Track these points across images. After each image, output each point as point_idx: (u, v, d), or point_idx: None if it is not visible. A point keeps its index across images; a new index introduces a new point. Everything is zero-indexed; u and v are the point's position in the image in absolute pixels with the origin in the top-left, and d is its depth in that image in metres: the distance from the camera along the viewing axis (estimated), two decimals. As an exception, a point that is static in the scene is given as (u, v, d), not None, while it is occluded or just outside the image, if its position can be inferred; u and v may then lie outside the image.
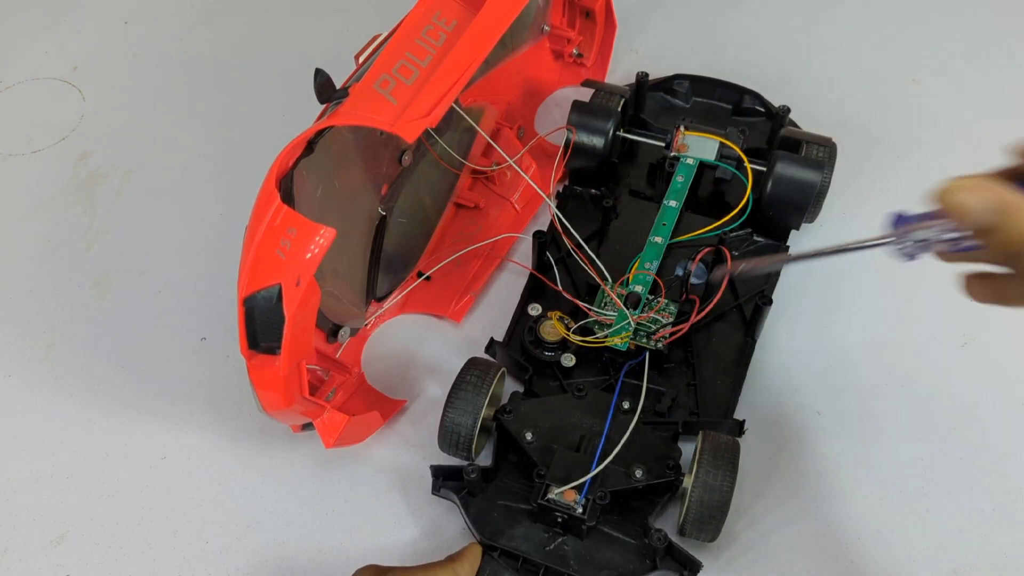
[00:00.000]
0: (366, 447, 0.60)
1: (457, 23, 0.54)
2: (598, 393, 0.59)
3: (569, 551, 0.53)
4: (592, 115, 0.68)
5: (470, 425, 0.55)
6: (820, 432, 0.60)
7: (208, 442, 0.61)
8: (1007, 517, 0.57)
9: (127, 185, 0.75)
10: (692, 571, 0.52)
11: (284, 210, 0.46)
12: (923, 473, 0.59)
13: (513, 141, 0.71)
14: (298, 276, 0.46)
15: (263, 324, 0.47)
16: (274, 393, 0.50)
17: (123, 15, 0.88)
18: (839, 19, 0.87)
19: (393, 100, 0.49)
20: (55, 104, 0.81)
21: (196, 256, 0.70)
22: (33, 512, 0.58)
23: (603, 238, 0.68)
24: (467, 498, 0.55)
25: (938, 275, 0.46)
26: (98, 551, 0.57)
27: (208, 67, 0.84)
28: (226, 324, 0.56)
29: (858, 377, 0.63)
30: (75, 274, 0.70)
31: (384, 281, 0.63)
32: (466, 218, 0.71)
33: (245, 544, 0.57)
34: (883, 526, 0.56)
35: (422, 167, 0.63)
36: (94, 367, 0.65)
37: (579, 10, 0.76)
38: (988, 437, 0.60)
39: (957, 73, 0.81)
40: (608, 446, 0.55)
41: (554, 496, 0.53)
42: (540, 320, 0.62)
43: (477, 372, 0.57)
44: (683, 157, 0.68)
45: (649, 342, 0.60)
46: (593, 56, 0.79)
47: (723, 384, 0.61)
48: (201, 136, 0.78)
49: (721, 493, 0.52)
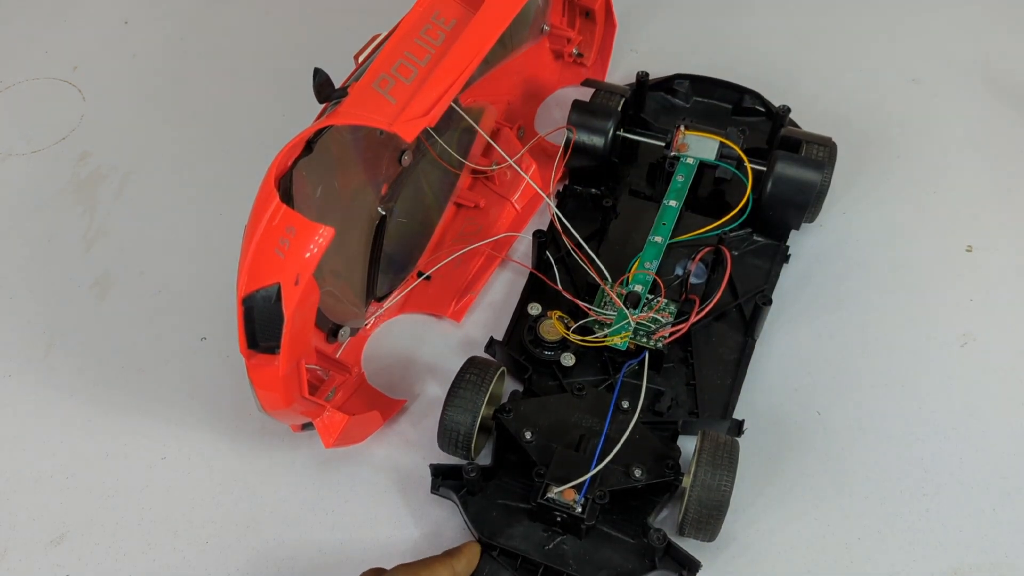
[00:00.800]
0: (366, 447, 0.60)
1: (456, 22, 0.54)
2: (598, 392, 0.59)
3: (568, 550, 0.53)
4: (592, 114, 0.68)
5: (469, 423, 0.55)
6: (820, 432, 0.60)
7: (208, 442, 0.61)
8: (1007, 517, 0.57)
9: (127, 185, 0.75)
10: (691, 571, 0.52)
11: (283, 209, 0.46)
12: (923, 473, 0.59)
13: (513, 141, 0.71)
14: (297, 275, 0.46)
15: (262, 323, 0.47)
16: (273, 392, 0.50)
17: (123, 15, 0.88)
18: (839, 19, 0.86)
19: (392, 99, 0.49)
20: (55, 104, 0.81)
21: (196, 256, 0.70)
22: (33, 512, 0.58)
23: (603, 238, 0.68)
24: (466, 497, 0.55)
25: (938, 275, 0.46)
26: (98, 551, 0.57)
27: (208, 67, 0.84)
28: (226, 324, 0.56)
29: (858, 377, 0.63)
30: (75, 274, 0.70)
31: (384, 281, 0.63)
32: (466, 218, 0.71)
33: (245, 544, 0.57)
34: (883, 526, 0.56)
35: (422, 167, 0.63)
36: (94, 367, 0.65)
37: (579, 10, 0.76)
38: (988, 437, 0.60)
39: (957, 73, 0.81)
40: (607, 445, 0.55)
41: (553, 495, 0.53)
42: (540, 319, 0.62)
43: (477, 371, 0.57)
44: (683, 157, 0.68)
45: (649, 342, 0.60)
46: (593, 56, 0.79)
47: (722, 384, 0.61)
48: (201, 136, 0.78)
49: (720, 493, 0.52)
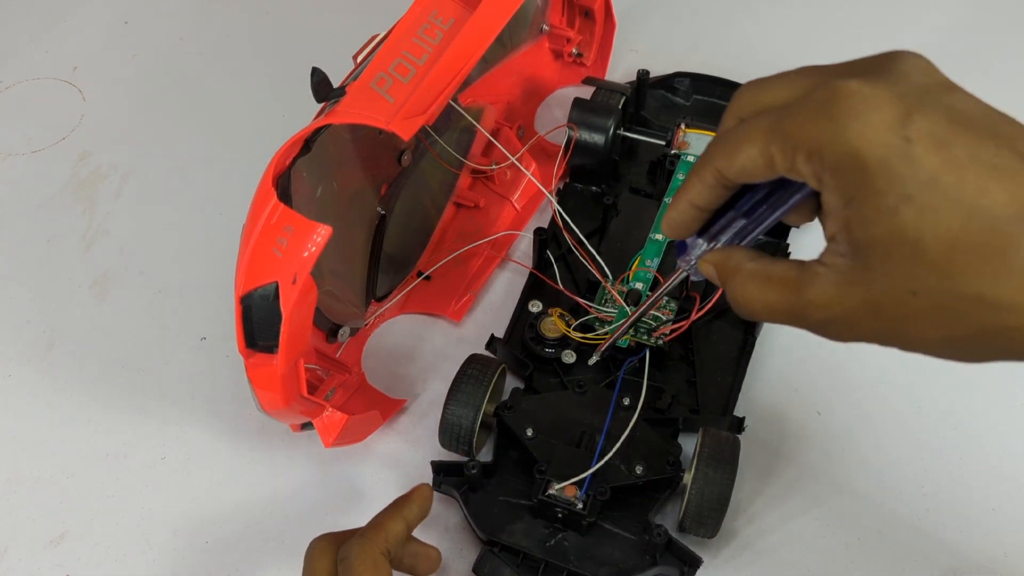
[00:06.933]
0: (366, 446, 0.60)
1: (454, 21, 0.54)
2: (599, 390, 0.59)
3: (569, 547, 0.53)
4: (593, 112, 0.68)
5: (471, 419, 0.55)
6: (820, 431, 0.60)
7: (208, 442, 0.61)
8: (1007, 517, 0.57)
9: (127, 185, 0.75)
10: (692, 567, 0.52)
11: (280, 208, 0.46)
12: (923, 473, 0.58)
13: (513, 140, 0.71)
14: (294, 274, 0.46)
15: (260, 322, 0.47)
16: (272, 392, 0.50)
17: (123, 15, 0.88)
18: (839, 17, 0.86)
19: (390, 98, 0.49)
20: (55, 104, 0.81)
21: (196, 256, 0.70)
22: (33, 512, 0.58)
23: (603, 235, 0.68)
24: (468, 494, 0.55)
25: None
26: (98, 551, 0.57)
27: (208, 67, 0.84)
28: (226, 324, 0.56)
29: (858, 376, 0.63)
30: (75, 274, 0.70)
31: (384, 281, 0.63)
32: (466, 217, 0.71)
33: (245, 544, 0.57)
34: (883, 526, 0.56)
35: (422, 167, 0.63)
36: (94, 367, 0.65)
37: (578, 9, 0.76)
38: (988, 437, 0.60)
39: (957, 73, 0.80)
40: (608, 442, 0.55)
41: (555, 492, 0.53)
42: (541, 317, 0.62)
43: (478, 367, 0.57)
44: (684, 155, 0.68)
45: (650, 339, 0.60)
46: (593, 55, 0.78)
47: (723, 381, 0.61)
48: (201, 136, 0.78)
49: (721, 489, 0.52)
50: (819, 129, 0.32)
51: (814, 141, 0.32)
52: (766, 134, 0.33)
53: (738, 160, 0.34)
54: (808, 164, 0.32)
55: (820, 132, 0.32)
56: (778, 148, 0.33)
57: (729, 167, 0.35)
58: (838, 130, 0.31)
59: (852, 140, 0.31)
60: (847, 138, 0.31)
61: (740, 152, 0.34)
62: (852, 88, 0.31)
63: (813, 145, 0.32)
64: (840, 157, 0.31)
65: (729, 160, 0.35)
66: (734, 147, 0.35)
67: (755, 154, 0.34)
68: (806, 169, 0.32)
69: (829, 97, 0.32)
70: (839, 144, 0.31)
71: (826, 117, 0.32)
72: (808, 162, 0.32)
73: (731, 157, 0.35)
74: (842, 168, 0.31)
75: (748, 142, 0.34)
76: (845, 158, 0.31)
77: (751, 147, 0.34)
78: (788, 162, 0.33)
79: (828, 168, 0.32)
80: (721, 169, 0.35)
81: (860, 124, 0.31)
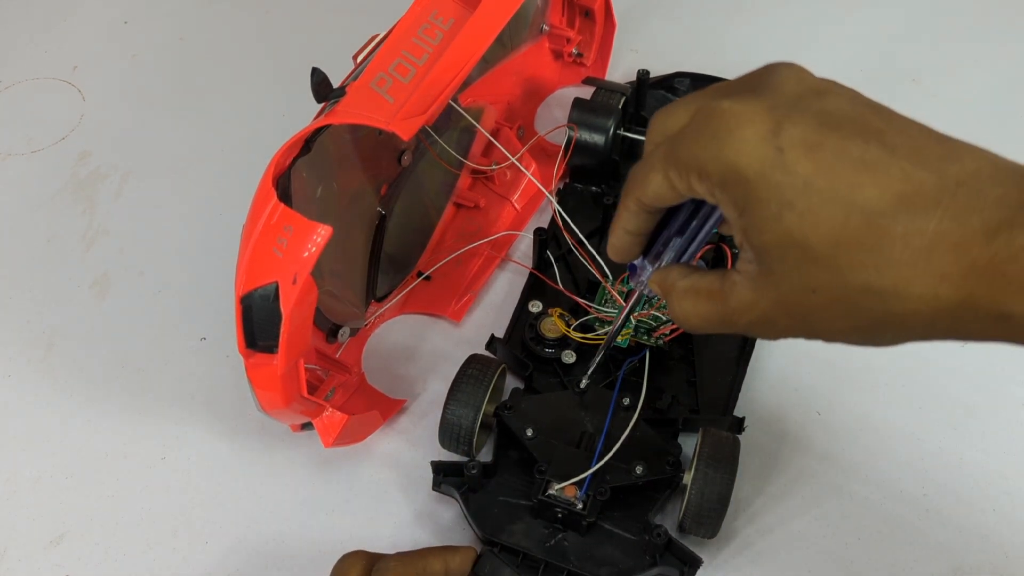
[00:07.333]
0: (366, 447, 0.60)
1: (454, 21, 0.54)
2: (599, 390, 0.59)
3: (569, 547, 0.53)
4: (593, 112, 0.68)
5: (471, 419, 0.55)
6: (820, 431, 0.60)
7: (208, 442, 0.61)
8: (1007, 517, 0.57)
9: (127, 185, 0.75)
10: (692, 567, 0.52)
11: (280, 208, 0.46)
12: (923, 473, 0.58)
13: (513, 141, 0.71)
14: (295, 274, 0.46)
15: (260, 322, 0.47)
16: (272, 392, 0.50)
17: (123, 15, 0.88)
18: (839, 18, 0.86)
19: (390, 98, 0.49)
20: (55, 104, 0.81)
21: (196, 256, 0.70)
22: (33, 512, 0.58)
23: (604, 235, 0.68)
24: (468, 494, 0.55)
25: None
26: (98, 551, 0.57)
27: (208, 67, 0.84)
28: (226, 324, 0.56)
29: (858, 377, 0.63)
30: (74, 274, 0.70)
31: (384, 281, 0.63)
32: (466, 218, 0.71)
33: (245, 544, 0.57)
34: (883, 526, 0.56)
35: (422, 167, 0.63)
36: (94, 367, 0.65)
37: (578, 9, 0.76)
38: (988, 437, 0.60)
39: (957, 73, 0.81)
40: (608, 442, 0.55)
41: (555, 492, 0.53)
42: (541, 317, 0.62)
43: (478, 367, 0.57)
44: (683, 155, 0.68)
45: (650, 339, 0.60)
46: (593, 55, 0.78)
47: (723, 382, 0.61)
48: (201, 136, 0.78)
49: (721, 489, 0.52)
50: (702, 149, 0.34)
51: (699, 162, 0.34)
52: (663, 161, 0.36)
53: (650, 188, 0.37)
54: (701, 183, 0.35)
55: (703, 152, 0.34)
56: (675, 173, 0.36)
57: (644, 195, 0.38)
58: (718, 149, 0.34)
59: (730, 156, 0.33)
60: (726, 155, 0.33)
61: (649, 180, 0.37)
62: (725, 107, 0.34)
63: (700, 166, 0.34)
64: (723, 174, 0.34)
65: (643, 189, 0.38)
66: (644, 176, 0.37)
67: (660, 180, 0.37)
68: (701, 188, 0.35)
69: (706, 118, 0.34)
70: (720, 162, 0.34)
71: (707, 138, 0.34)
72: (700, 181, 0.35)
73: (644, 186, 0.38)
74: (727, 183, 0.34)
75: (652, 170, 0.37)
76: (728, 174, 0.34)
77: (656, 174, 0.37)
78: (685, 184, 0.36)
79: (716, 185, 0.34)
80: (640, 197, 0.38)
81: (736, 140, 0.33)
